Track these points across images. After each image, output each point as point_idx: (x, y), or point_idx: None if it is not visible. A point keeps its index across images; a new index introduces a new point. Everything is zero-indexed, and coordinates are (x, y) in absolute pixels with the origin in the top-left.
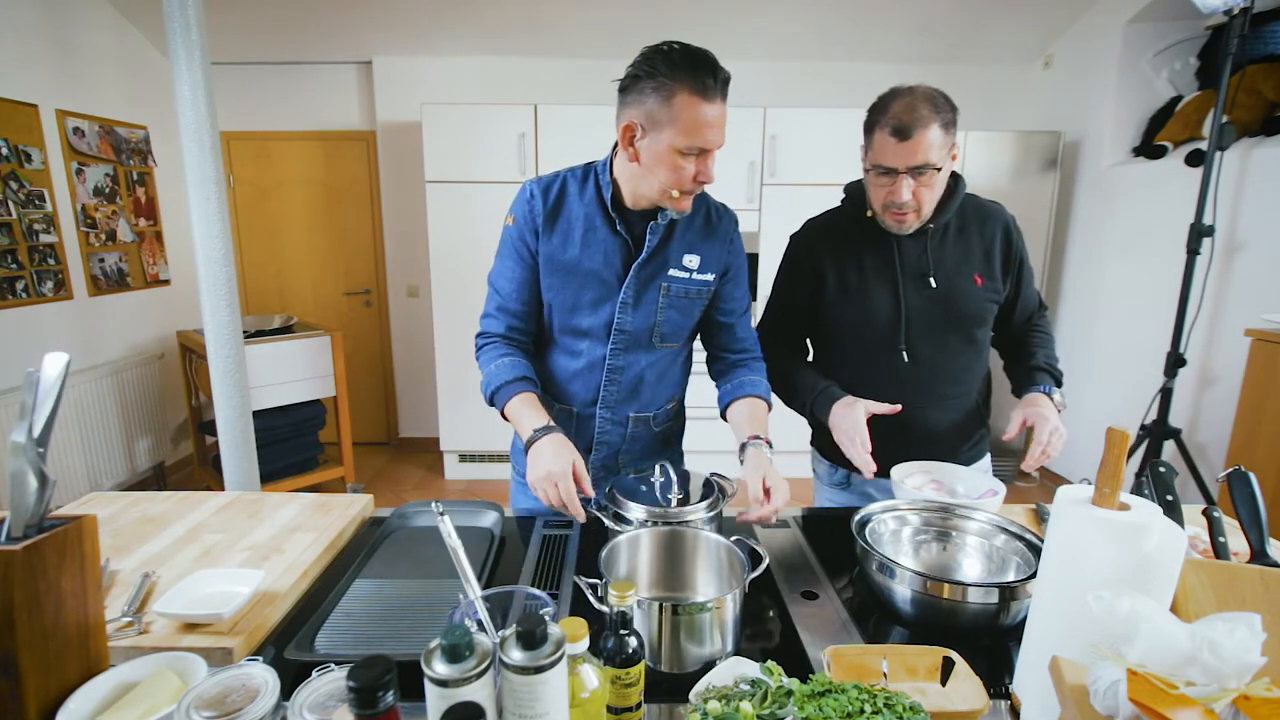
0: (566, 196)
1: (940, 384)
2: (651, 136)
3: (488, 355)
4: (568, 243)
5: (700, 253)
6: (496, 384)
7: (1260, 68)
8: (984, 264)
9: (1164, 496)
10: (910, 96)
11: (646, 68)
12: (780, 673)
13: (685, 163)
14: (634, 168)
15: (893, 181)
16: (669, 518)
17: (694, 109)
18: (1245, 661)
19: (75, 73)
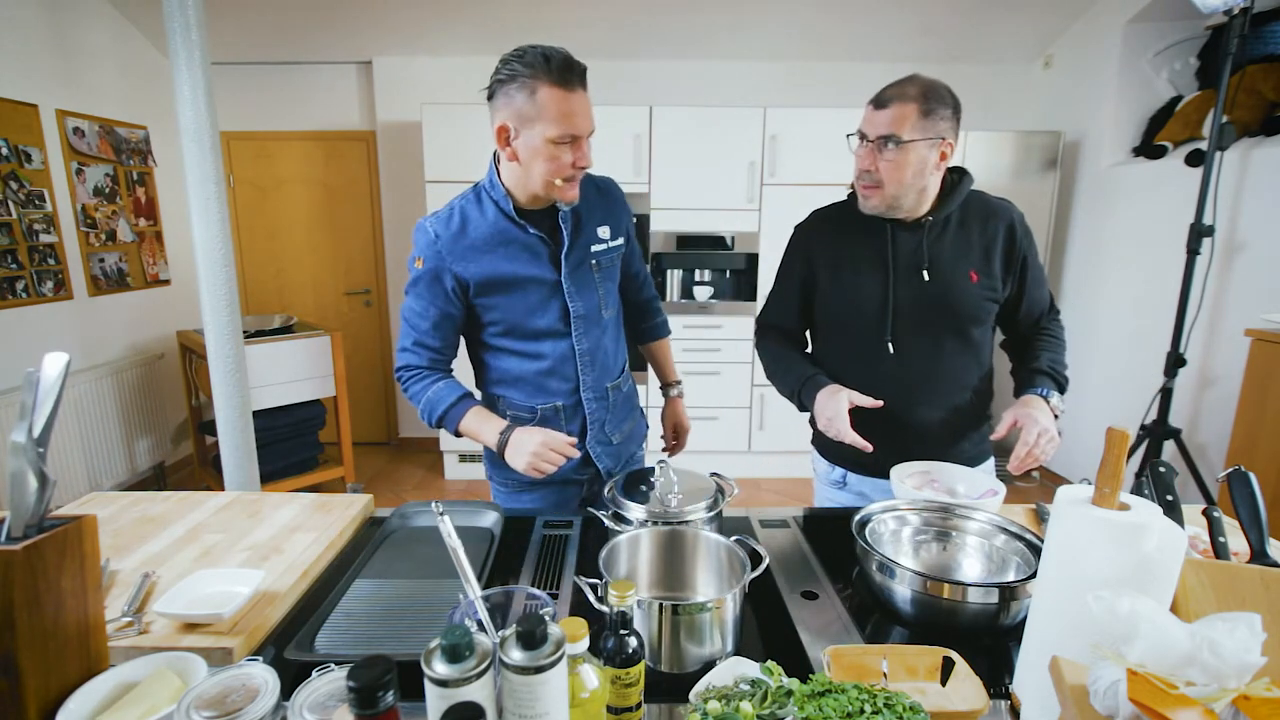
0: (468, 223)
1: (929, 380)
2: (525, 133)
3: (419, 385)
4: (492, 262)
5: (608, 223)
6: (444, 406)
7: (1260, 68)
8: (982, 261)
9: (1164, 496)
10: (910, 79)
11: (508, 72)
12: (780, 673)
13: (561, 152)
14: (515, 167)
15: (865, 150)
16: (669, 518)
17: (558, 100)
18: (1245, 661)
19: (75, 73)
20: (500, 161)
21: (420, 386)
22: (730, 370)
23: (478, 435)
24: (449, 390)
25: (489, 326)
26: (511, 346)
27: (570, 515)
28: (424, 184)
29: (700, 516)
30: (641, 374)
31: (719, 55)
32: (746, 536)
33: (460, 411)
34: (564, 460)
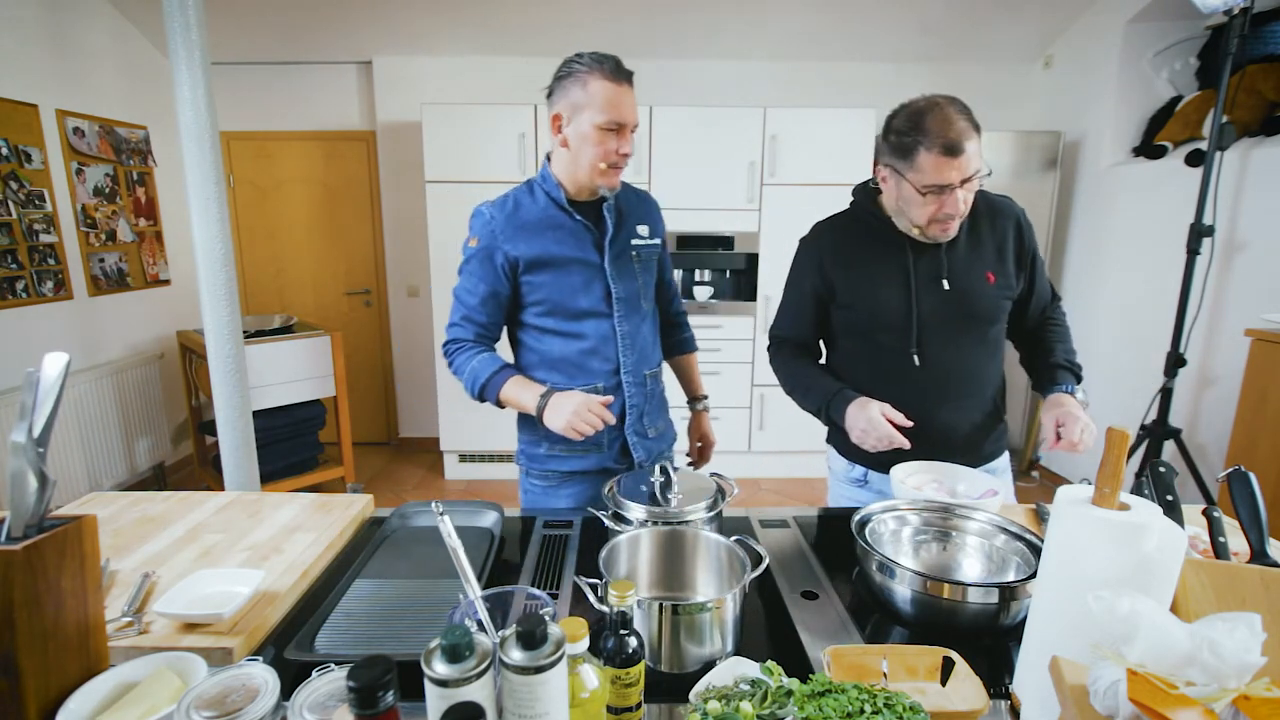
0: (521, 207)
1: (953, 386)
2: (575, 120)
3: (463, 356)
4: (542, 242)
5: (646, 223)
6: (486, 375)
7: (1260, 68)
8: (997, 261)
9: (1164, 496)
10: (941, 110)
11: (565, 69)
12: (780, 673)
13: (607, 138)
14: (566, 154)
15: (945, 195)
16: (669, 518)
17: (607, 90)
18: (1245, 661)
19: (75, 73)
20: (552, 155)
21: (464, 358)
22: (730, 370)
23: (518, 401)
24: (491, 361)
25: (533, 306)
26: (554, 326)
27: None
28: (424, 184)
29: (700, 516)
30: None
31: (719, 55)
32: (746, 536)
33: (501, 380)
34: (601, 425)
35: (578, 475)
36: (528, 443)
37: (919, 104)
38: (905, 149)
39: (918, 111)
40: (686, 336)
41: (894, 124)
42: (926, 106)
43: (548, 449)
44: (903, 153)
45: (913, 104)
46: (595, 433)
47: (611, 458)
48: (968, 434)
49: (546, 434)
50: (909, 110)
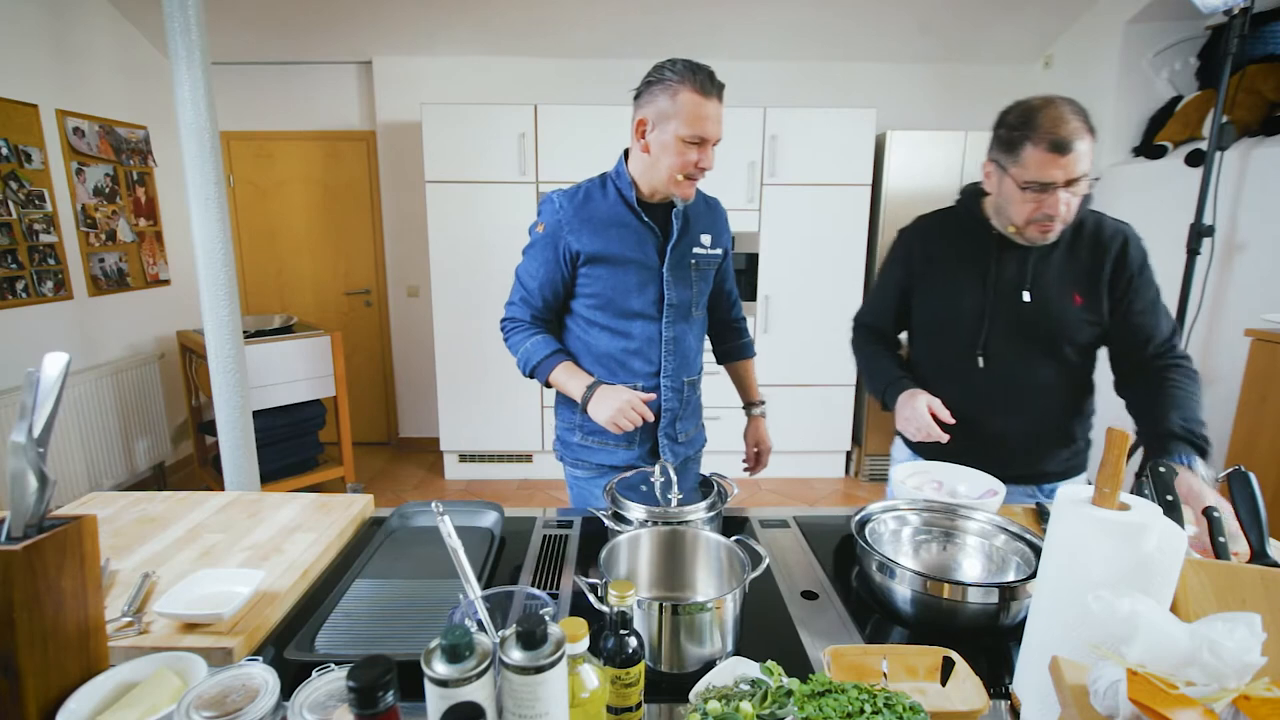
0: (591, 200)
1: (1014, 395)
2: (660, 128)
3: (519, 336)
4: (605, 239)
5: (710, 233)
6: (538, 358)
7: (1260, 68)
8: (1087, 284)
9: (1164, 496)
10: (1055, 108)
11: (656, 75)
12: (780, 673)
13: (688, 150)
14: (645, 159)
15: (1047, 195)
16: (669, 518)
17: (695, 103)
18: (1245, 661)
19: (75, 73)
20: (630, 154)
21: (520, 337)
22: None
23: (565, 387)
24: (545, 343)
25: (586, 298)
26: (603, 321)
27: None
28: (424, 184)
29: (700, 516)
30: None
31: (719, 55)
32: (746, 536)
33: (553, 364)
34: (640, 422)
35: (607, 469)
36: (564, 429)
37: (1034, 101)
38: (1012, 143)
39: (1031, 108)
40: (745, 342)
41: (1006, 119)
42: (1041, 104)
43: (580, 437)
44: (1009, 147)
45: (1028, 100)
46: (634, 429)
47: (639, 456)
48: (1023, 446)
49: (581, 423)
50: (1023, 106)
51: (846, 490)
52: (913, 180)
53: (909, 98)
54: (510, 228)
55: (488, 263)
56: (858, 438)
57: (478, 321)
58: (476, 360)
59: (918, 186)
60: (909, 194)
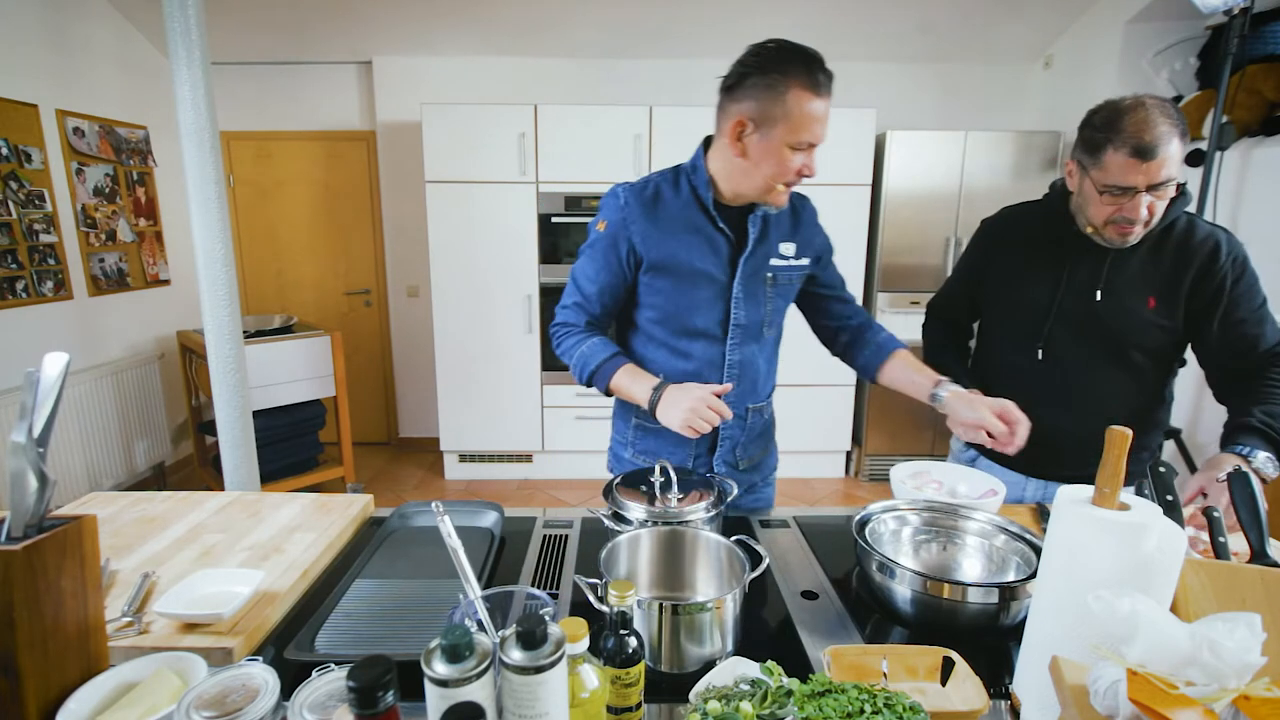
0: (660, 199)
1: (1075, 393)
2: (761, 132)
3: (573, 340)
4: (672, 245)
5: (795, 240)
6: (596, 362)
7: (1260, 68)
8: (1164, 288)
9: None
10: (1144, 111)
11: (756, 63)
12: (780, 673)
13: (793, 157)
14: (739, 163)
15: (1127, 199)
16: (669, 518)
17: (805, 103)
18: (1245, 661)
19: (75, 73)
20: (713, 149)
21: (573, 342)
22: None
23: (628, 392)
24: (603, 346)
25: (646, 309)
26: (662, 337)
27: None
28: (424, 184)
29: (700, 516)
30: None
31: (719, 55)
32: (746, 536)
33: (613, 367)
34: (718, 420)
35: None
36: (618, 443)
37: (1123, 102)
38: (1095, 145)
39: (1118, 110)
40: (884, 337)
41: (1093, 119)
42: (1129, 106)
43: (632, 454)
44: (1092, 149)
45: (1117, 101)
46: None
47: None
48: (1081, 448)
49: (633, 440)
50: (1110, 107)
51: (846, 490)
52: (913, 180)
53: (909, 98)
54: (510, 228)
55: (488, 263)
56: (858, 438)
57: (478, 321)
58: (476, 360)
59: (917, 186)
60: (909, 194)
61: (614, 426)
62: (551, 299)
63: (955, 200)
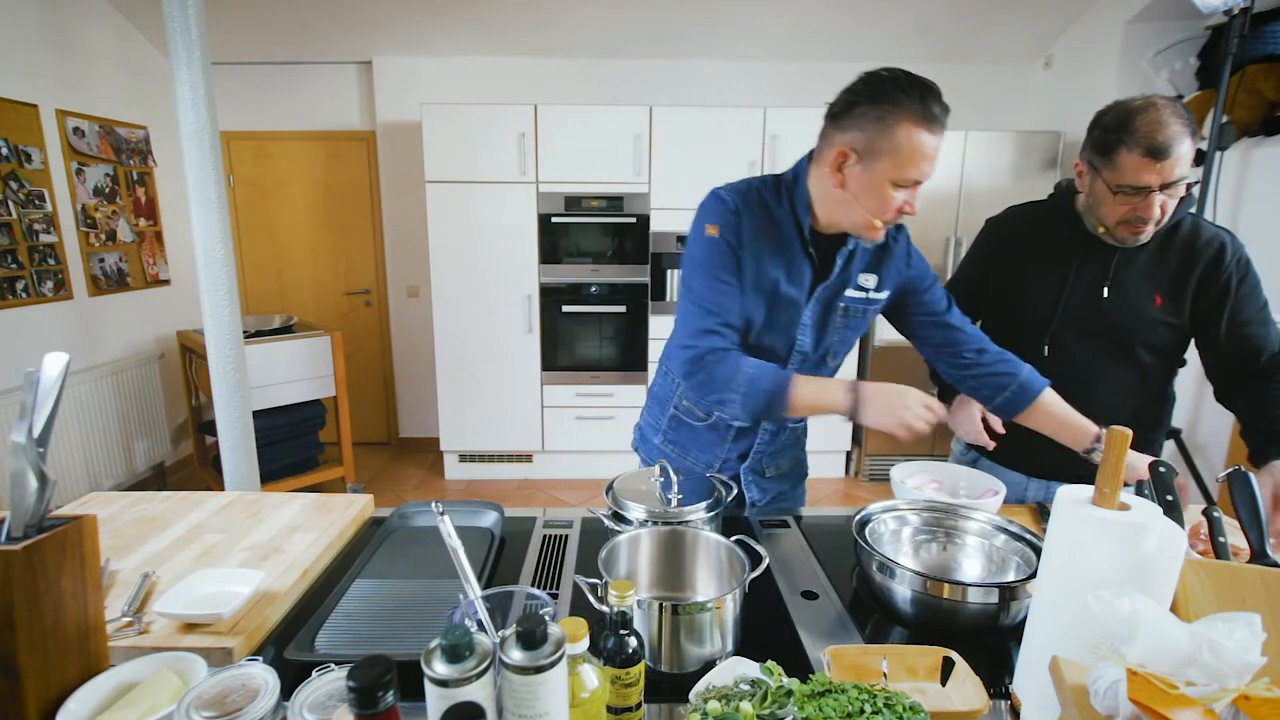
0: (766, 213)
1: (1079, 391)
2: (865, 165)
3: (728, 366)
4: (766, 260)
5: (877, 272)
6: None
7: (1260, 68)
8: (1170, 287)
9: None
10: (1155, 111)
11: (868, 92)
12: (780, 673)
13: (895, 194)
14: (838, 194)
15: (1140, 199)
16: (669, 518)
17: (915, 138)
18: (1245, 661)
19: (75, 73)
20: (811, 173)
21: (729, 368)
22: None
23: (820, 401)
24: (764, 365)
25: None
26: None
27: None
28: (424, 184)
29: (700, 516)
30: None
31: (719, 55)
32: (746, 536)
33: (789, 383)
34: (935, 420)
35: None
36: (649, 427)
37: (1134, 103)
38: (1107, 146)
39: (1129, 110)
40: (1026, 375)
41: (1103, 119)
42: (1140, 106)
43: (661, 441)
44: (1104, 149)
45: (1127, 102)
46: (929, 430)
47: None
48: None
49: (666, 428)
50: (1120, 107)
51: (846, 490)
52: None
53: None
54: (510, 228)
55: (488, 263)
56: (858, 438)
57: (478, 321)
58: (476, 360)
59: None
60: None
61: (648, 408)
62: (551, 299)
63: (955, 200)
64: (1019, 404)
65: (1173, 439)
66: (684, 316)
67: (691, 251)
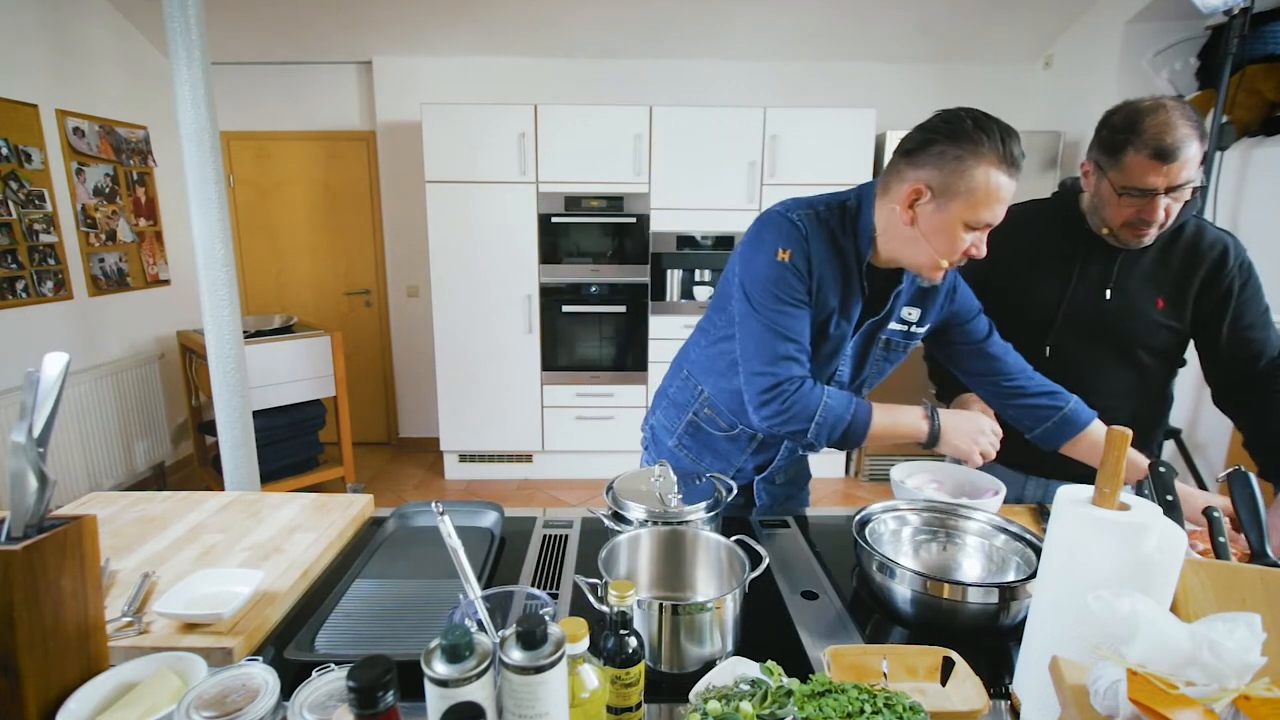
0: (832, 241)
1: (1080, 391)
2: (938, 204)
3: (809, 395)
4: (827, 288)
5: (920, 305)
6: (847, 411)
7: (1260, 68)
8: (1172, 289)
9: (1164, 496)
10: (1164, 113)
11: (947, 131)
12: (780, 673)
13: (965, 236)
14: (905, 231)
15: (1146, 201)
16: (669, 518)
17: (994, 181)
18: (1245, 661)
19: (75, 73)
20: (879, 207)
21: (810, 398)
22: None
23: (896, 430)
24: (844, 394)
25: None
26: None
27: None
28: (424, 184)
29: (700, 516)
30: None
31: (719, 55)
32: (746, 536)
33: (867, 409)
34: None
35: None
36: (663, 430)
37: (1143, 104)
38: (1114, 146)
39: (1138, 111)
40: (1072, 407)
41: (1111, 120)
42: (1149, 108)
43: (675, 444)
44: (1111, 150)
45: (1136, 103)
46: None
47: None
48: None
49: (682, 432)
50: (1129, 108)
51: (846, 490)
52: None
53: (909, 98)
54: (510, 228)
55: (488, 263)
56: None
57: (478, 321)
58: (476, 360)
59: None
60: None
61: (662, 410)
62: (551, 299)
63: None
64: (1064, 434)
65: (1173, 439)
66: (754, 339)
67: (758, 271)
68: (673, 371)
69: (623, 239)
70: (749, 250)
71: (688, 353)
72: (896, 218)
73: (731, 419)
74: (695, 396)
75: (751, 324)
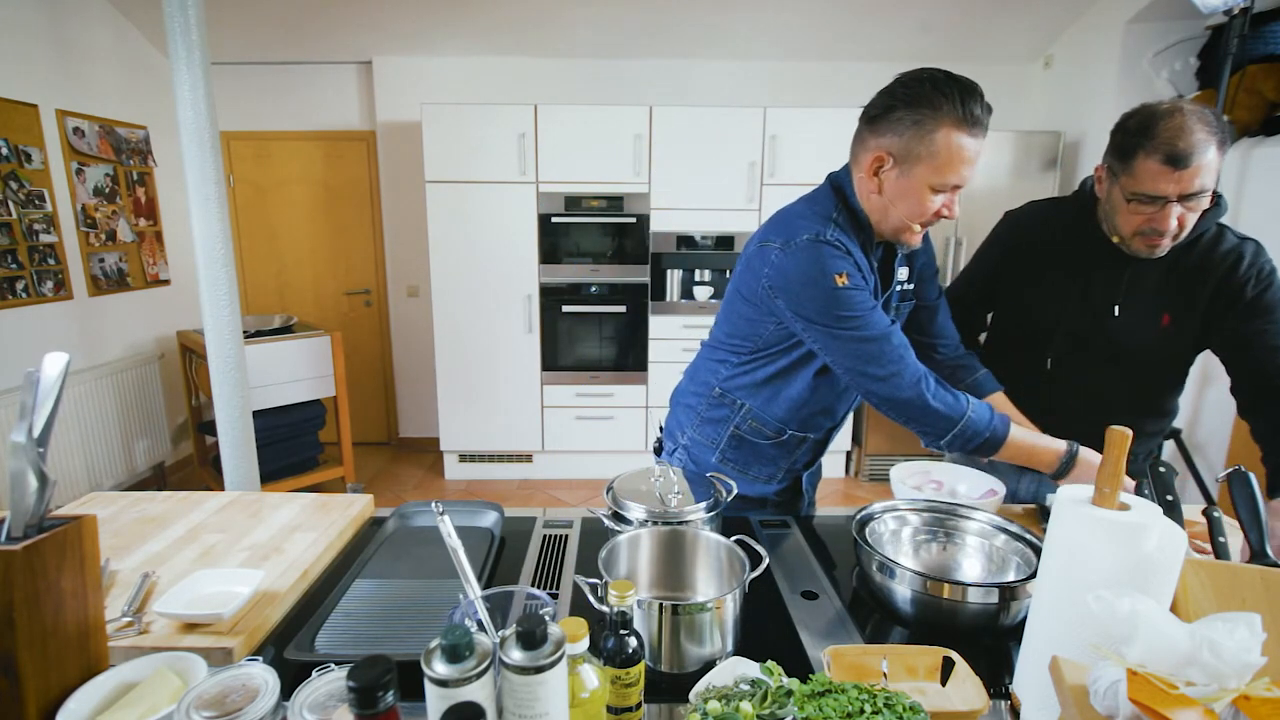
0: (855, 238)
1: (1079, 404)
2: (901, 169)
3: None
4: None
5: (908, 264)
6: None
7: (1260, 68)
8: (1182, 304)
9: (1164, 496)
10: (1180, 117)
11: (906, 94)
12: (780, 673)
13: (934, 198)
14: (874, 199)
15: (1157, 209)
16: (669, 518)
17: (958, 144)
18: (1245, 661)
19: (75, 73)
20: (856, 183)
21: (951, 402)
22: None
23: (1035, 448)
24: (985, 406)
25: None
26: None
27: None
28: (424, 184)
29: (700, 516)
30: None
31: (719, 55)
32: (746, 536)
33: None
34: None
35: (739, 499)
36: (700, 446)
37: (1160, 107)
38: (1127, 150)
39: (1153, 115)
40: (980, 376)
41: (1127, 123)
42: (1165, 111)
43: (719, 459)
44: (1123, 154)
45: (1153, 106)
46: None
47: (776, 493)
48: None
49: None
50: (1146, 111)
51: (846, 490)
52: None
53: None
54: (510, 228)
55: (488, 263)
56: (858, 437)
57: (478, 321)
58: (476, 360)
59: None
60: None
61: (694, 427)
62: (551, 299)
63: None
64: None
65: (1173, 439)
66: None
67: (825, 307)
68: (697, 391)
69: (623, 239)
70: (802, 290)
71: (716, 372)
72: (865, 188)
73: (779, 425)
74: (736, 411)
75: (847, 344)
